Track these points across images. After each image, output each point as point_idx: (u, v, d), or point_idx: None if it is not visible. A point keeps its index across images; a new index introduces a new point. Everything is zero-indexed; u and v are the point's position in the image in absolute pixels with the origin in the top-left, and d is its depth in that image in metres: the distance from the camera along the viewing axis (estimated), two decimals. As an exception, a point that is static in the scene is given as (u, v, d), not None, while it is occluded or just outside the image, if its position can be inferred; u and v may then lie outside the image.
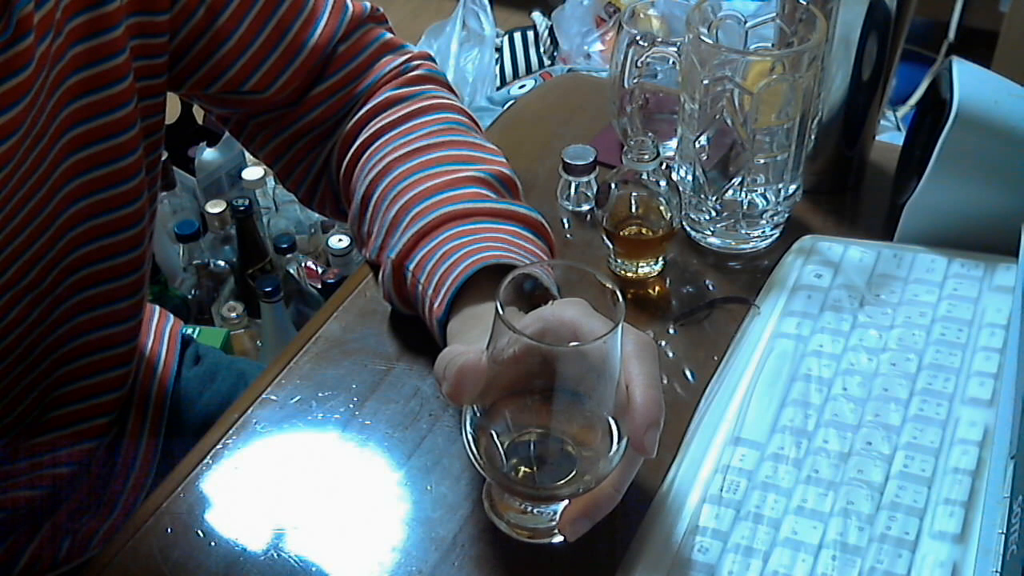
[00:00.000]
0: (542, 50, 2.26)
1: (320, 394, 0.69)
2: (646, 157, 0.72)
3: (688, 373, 0.70)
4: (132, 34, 0.68)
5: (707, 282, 0.77)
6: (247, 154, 1.76)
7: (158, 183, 0.77)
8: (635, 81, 0.80)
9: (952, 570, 0.56)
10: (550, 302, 0.58)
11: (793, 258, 0.77)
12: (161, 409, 0.86)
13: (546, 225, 0.71)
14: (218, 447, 0.66)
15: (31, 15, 0.60)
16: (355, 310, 0.75)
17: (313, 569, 0.59)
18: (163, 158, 0.83)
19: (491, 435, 0.56)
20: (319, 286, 1.67)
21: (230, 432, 0.67)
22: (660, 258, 0.77)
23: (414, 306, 0.70)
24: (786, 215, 0.79)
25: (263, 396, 0.69)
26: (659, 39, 0.79)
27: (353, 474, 0.65)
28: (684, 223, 0.80)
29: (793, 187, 0.78)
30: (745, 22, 0.76)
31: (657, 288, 0.77)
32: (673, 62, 0.78)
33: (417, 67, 0.79)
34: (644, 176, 0.73)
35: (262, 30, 0.73)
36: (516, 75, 2.22)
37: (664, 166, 0.74)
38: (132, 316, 0.77)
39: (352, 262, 1.65)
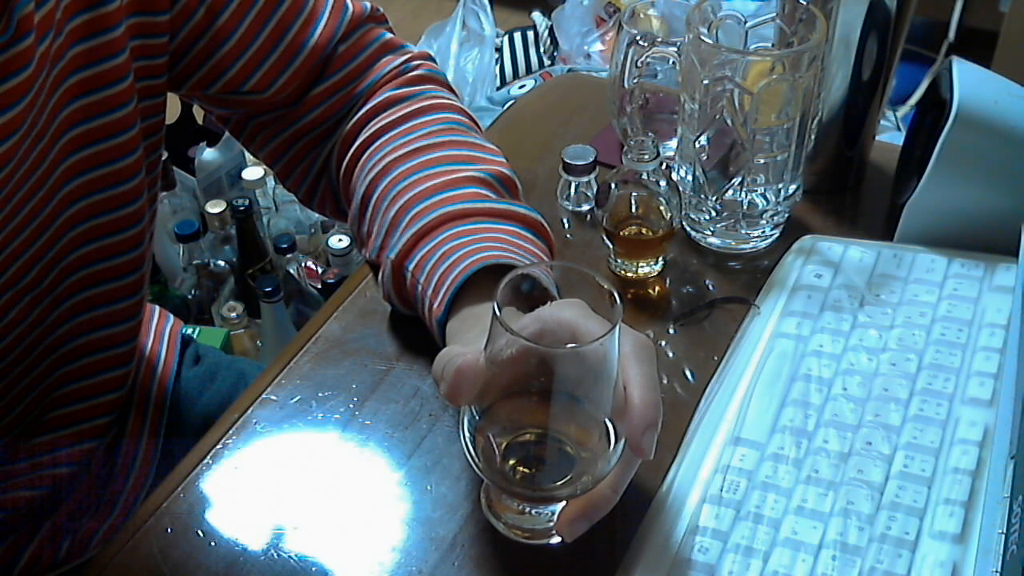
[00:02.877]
0: (542, 50, 2.26)
1: (320, 394, 0.69)
2: (646, 157, 0.72)
3: (688, 373, 0.70)
4: (132, 34, 0.68)
5: (707, 282, 0.77)
6: (247, 154, 1.76)
7: (158, 183, 0.77)
8: (635, 81, 0.80)
9: (952, 570, 0.56)
10: (549, 303, 0.58)
11: (793, 258, 0.77)
12: (161, 409, 0.86)
13: (546, 225, 0.71)
14: (218, 447, 0.66)
15: (31, 15, 0.60)
16: (355, 310, 0.75)
17: (313, 569, 0.60)
18: (163, 158, 0.83)
19: (489, 436, 0.56)
20: (319, 286, 1.67)
21: (230, 432, 0.67)
22: (660, 258, 0.77)
23: (414, 306, 0.70)
24: (786, 215, 0.79)
25: (263, 396, 0.69)
26: (659, 39, 0.78)
27: (353, 474, 0.65)
28: (684, 223, 0.80)
29: (793, 187, 0.78)
30: (745, 22, 0.76)
31: (657, 288, 0.77)
32: (673, 62, 0.78)
33: (417, 67, 0.79)
34: (644, 176, 0.73)
35: (262, 30, 0.73)
36: (516, 75, 2.22)
37: (664, 166, 0.74)
38: (132, 316, 0.77)
39: (352, 262, 1.65)
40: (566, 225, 0.83)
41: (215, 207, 1.65)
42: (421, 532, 0.61)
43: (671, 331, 0.74)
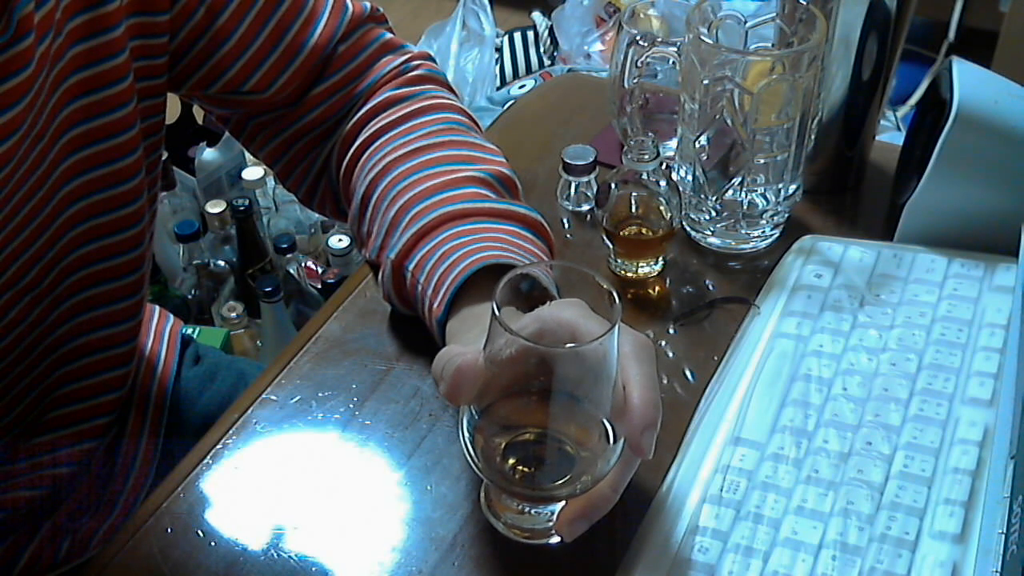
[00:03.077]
0: (542, 50, 2.26)
1: (320, 394, 0.69)
2: (646, 157, 0.72)
3: (688, 373, 0.70)
4: (132, 34, 0.68)
5: (707, 282, 0.77)
6: (247, 154, 1.76)
7: (158, 183, 0.77)
8: (635, 81, 0.80)
9: (952, 570, 0.56)
10: (548, 302, 0.58)
11: (793, 258, 0.77)
12: (161, 409, 0.86)
13: (546, 225, 0.71)
14: (218, 447, 0.66)
15: (31, 15, 0.60)
16: (355, 310, 0.75)
17: (313, 569, 0.60)
18: (163, 158, 0.83)
19: (488, 436, 0.56)
20: (319, 286, 1.67)
21: (230, 432, 0.67)
22: (660, 258, 0.77)
23: (414, 306, 0.70)
24: (786, 215, 0.79)
25: (263, 396, 0.69)
26: (659, 39, 0.78)
27: (353, 474, 0.65)
28: (684, 223, 0.80)
29: (793, 187, 0.78)
30: (745, 22, 0.76)
31: (657, 288, 0.77)
32: (673, 62, 0.78)
33: (417, 67, 0.79)
34: (644, 176, 0.73)
35: (262, 30, 0.73)
36: (516, 75, 2.22)
37: (664, 166, 0.74)
38: (132, 316, 0.77)
39: (352, 262, 1.65)
40: (566, 225, 0.83)
41: (215, 207, 1.65)
42: (421, 532, 0.61)
43: (671, 331, 0.74)
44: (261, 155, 0.83)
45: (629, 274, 0.78)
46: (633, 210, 0.75)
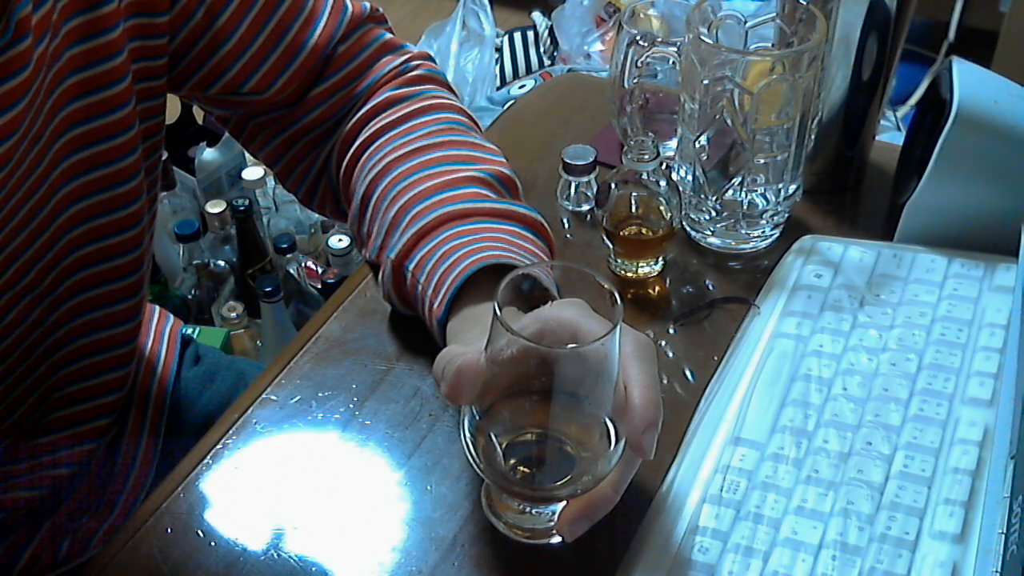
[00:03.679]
0: (542, 50, 2.26)
1: (320, 394, 0.69)
2: (646, 157, 0.72)
3: (688, 373, 0.70)
4: (131, 36, 0.68)
5: (707, 282, 0.77)
6: (247, 154, 1.76)
7: (158, 184, 0.77)
8: (635, 81, 0.80)
9: (952, 570, 0.56)
10: (549, 302, 0.58)
11: (793, 258, 0.77)
12: (161, 409, 0.86)
13: (546, 225, 0.71)
14: (218, 447, 0.66)
15: (29, 17, 0.60)
16: (355, 310, 0.75)
17: (313, 569, 0.60)
18: (163, 158, 0.83)
19: (490, 436, 0.56)
20: (319, 286, 1.67)
21: (230, 432, 0.67)
22: (660, 258, 0.77)
23: (414, 306, 0.70)
24: (786, 215, 0.79)
25: (263, 396, 0.69)
26: (659, 39, 0.79)
27: (353, 474, 0.65)
28: (684, 223, 0.80)
29: (793, 187, 0.78)
30: (745, 22, 0.76)
31: (657, 288, 0.77)
32: (673, 62, 0.78)
33: (417, 67, 0.79)
34: (644, 176, 0.73)
35: (262, 31, 0.73)
36: (516, 75, 2.22)
37: (664, 166, 0.74)
38: (132, 317, 0.77)
39: (352, 262, 1.65)
40: (566, 225, 0.83)
41: (215, 207, 1.65)
42: (421, 532, 0.61)
43: (671, 331, 0.74)
44: (261, 155, 0.83)
45: (629, 274, 0.78)
46: (633, 210, 0.75)
